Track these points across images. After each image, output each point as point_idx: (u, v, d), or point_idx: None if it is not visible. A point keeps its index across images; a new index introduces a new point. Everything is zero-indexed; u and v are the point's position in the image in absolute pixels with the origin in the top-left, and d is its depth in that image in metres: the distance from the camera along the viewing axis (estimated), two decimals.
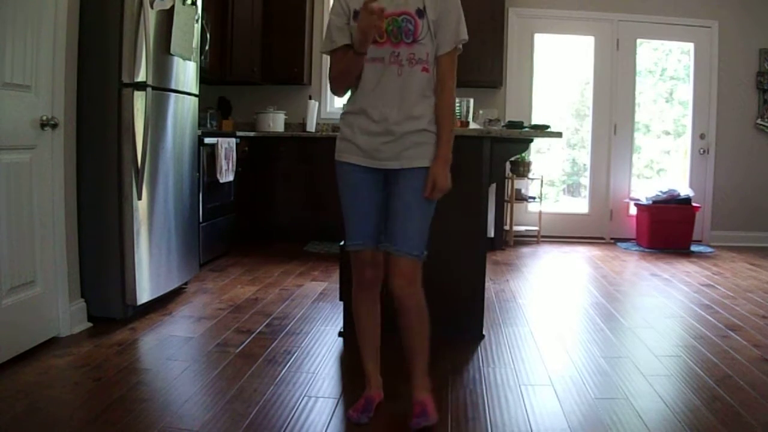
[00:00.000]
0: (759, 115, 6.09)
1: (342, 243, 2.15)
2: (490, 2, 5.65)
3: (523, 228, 6.17)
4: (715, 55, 6.07)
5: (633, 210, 6.12)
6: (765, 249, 5.86)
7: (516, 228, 6.05)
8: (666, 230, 5.68)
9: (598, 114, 6.24)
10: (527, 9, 6.12)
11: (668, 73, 6.52)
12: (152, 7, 3.14)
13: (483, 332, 3.05)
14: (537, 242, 6.06)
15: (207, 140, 4.44)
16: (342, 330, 3.07)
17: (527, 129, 3.82)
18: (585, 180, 6.43)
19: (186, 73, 3.61)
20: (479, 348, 2.89)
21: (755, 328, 3.26)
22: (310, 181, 5.48)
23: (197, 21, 3.66)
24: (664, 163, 6.58)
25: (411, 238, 2.04)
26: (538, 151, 6.43)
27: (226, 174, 4.73)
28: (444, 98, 2.07)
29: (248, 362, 2.62)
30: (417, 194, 2.04)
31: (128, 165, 3.09)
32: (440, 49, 2.05)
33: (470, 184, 2.91)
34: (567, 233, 6.29)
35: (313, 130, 5.93)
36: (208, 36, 4.87)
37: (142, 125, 3.12)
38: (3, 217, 2.48)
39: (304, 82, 6.00)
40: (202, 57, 4.46)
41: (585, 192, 6.42)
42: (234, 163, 4.88)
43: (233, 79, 5.68)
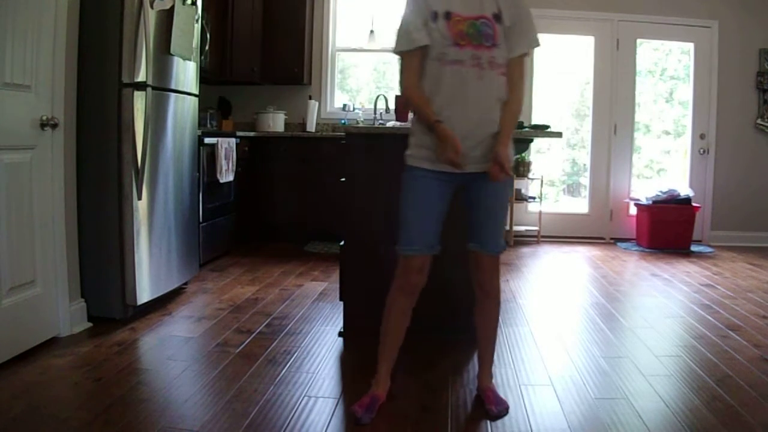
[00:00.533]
0: (759, 115, 6.09)
1: (398, 246, 2.16)
2: None
3: (523, 228, 6.17)
4: (715, 55, 6.07)
5: (633, 210, 6.12)
6: (765, 249, 5.86)
7: (516, 228, 6.05)
8: (666, 230, 5.68)
9: (598, 114, 6.24)
10: None
11: (668, 73, 6.52)
12: (152, 7, 3.14)
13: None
14: (537, 242, 6.06)
15: (207, 140, 4.44)
16: (342, 330, 3.06)
17: (527, 129, 3.81)
18: (585, 180, 6.42)
19: (186, 73, 3.61)
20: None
21: (755, 328, 3.26)
22: (310, 181, 5.48)
23: (197, 21, 3.66)
24: (664, 163, 6.58)
25: (495, 238, 2.20)
26: (538, 151, 6.43)
27: (226, 174, 4.73)
28: (514, 100, 2.09)
29: (248, 362, 2.62)
30: (499, 197, 2.16)
31: (128, 165, 3.09)
32: (512, 53, 2.07)
33: None
34: (567, 233, 6.29)
35: (313, 130, 5.93)
36: (208, 36, 4.87)
37: (142, 125, 3.12)
38: (3, 217, 2.48)
39: (304, 82, 6.00)
40: (202, 57, 4.46)
41: (585, 192, 6.41)
42: (234, 163, 4.88)
43: (233, 79, 5.69)
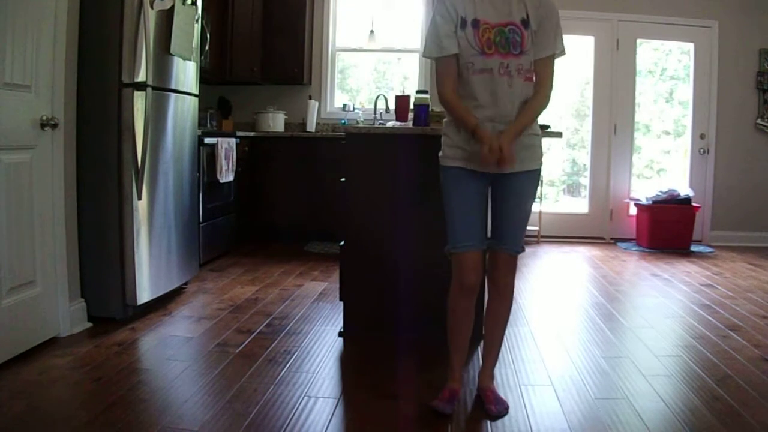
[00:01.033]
0: (759, 115, 6.09)
1: (448, 246, 2.19)
2: None
3: None
4: (715, 55, 6.07)
5: (633, 210, 6.12)
6: (765, 249, 5.86)
7: None
8: (666, 230, 5.68)
9: (598, 114, 6.24)
10: None
11: (668, 73, 6.52)
12: (152, 7, 3.14)
13: (483, 332, 3.04)
14: (537, 242, 6.06)
15: (207, 140, 4.44)
16: (342, 330, 3.06)
17: None
18: (585, 180, 6.42)
19: (186, 73, 3.61)
20: (479, 348, 2.88)
21: (755, 328, 3.26)
22: (310, 181, 5.48)
23: (197, 21, 3.66)
24: (664, 163, 6.58)
25: (517, 237, 2.19)
26: None
27: (226, 174, 4.73)
28: (537, 98, 2.09)
29: (248, 362, 2.62)
30: (525, 196, 2.18)
31: (128, 165, 3.09)
32: (537, 54, 2.07)
33: None
34: (567, 233, 6.29)
35: (313, 130, 5.93)
36: (208, 36, 4.87)
37: (142, 125, 3.12)
38: (3, 217, 2.48)
39: (304, 82, 5.99)
40: (202, 57, 4.46)
41: (585, 192, 6.41)
42: (234, 163, 4.88)
43: (233, 79, 5.68)
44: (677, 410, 2.23)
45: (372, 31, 6.02)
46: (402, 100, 3.53)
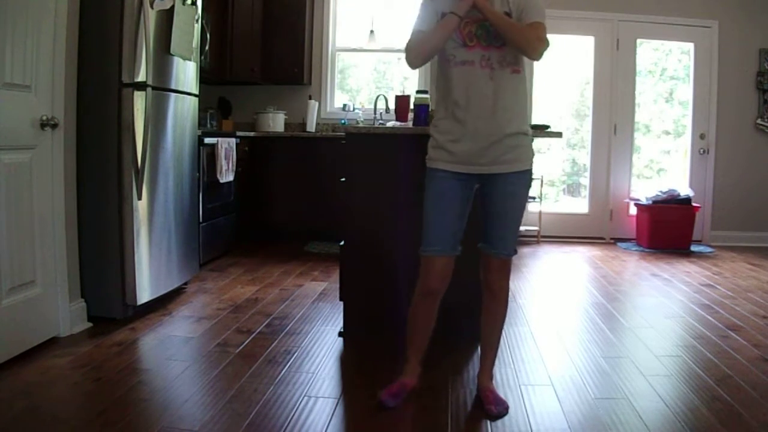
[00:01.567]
0: (759, 115, 6.09)
1: (420, 247, 2.19)
2: None
3: (523, 228, 6.16)
4: (715, 55, 6.07)
5: (633, 210, 6.12)
6: (765, 249, 5.86)
7: None
8: (666, 230, 5.68)
9: (598, 114, 6.24)
10: None
11: (668, 73, 6.52)
12: (152, 7, 3.14)
13: (480, 333, 3.04)
14: (537, 242, 6.06)
15: (207, 140, 4.44)
16: (342, 330, 3.06)
17: None
18: (585, 180, 6.42)
19: (186, 73, 3.61)
20: (479, 348, 2.88)
21: (755, 328, 3.26)
22: (310, 182, 5.47)
23: (197, 21, 3.66)
24: (664, 163, 6.58)
25: (508, 240, 2.16)
26: (538, 151, 6.42)
27: (226, 174, 4.73)
28: (527, 27, 2.02)
29: (248, 362, 2.62)
30: (514, 199, 2.14)
31: (128, 165, 3.09)
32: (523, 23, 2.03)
33: None
34: (567, 233, 6.29)
35: (313, 130, 5.93)
36: (208, 36, 4.87)
37: (142, 125, 3.12)
38: (3, 217, 2.48)
39: (304, 82, 5.99)
40: (202, 57, 4.46)
41: (585, 192, 6.41)
42: (234, 163, 4.88)
43: (233, 79, 5.68)
44: (677, 410, 2.23)
45: (372, 31, 6.02)
46: (402, 100, 3.54)
